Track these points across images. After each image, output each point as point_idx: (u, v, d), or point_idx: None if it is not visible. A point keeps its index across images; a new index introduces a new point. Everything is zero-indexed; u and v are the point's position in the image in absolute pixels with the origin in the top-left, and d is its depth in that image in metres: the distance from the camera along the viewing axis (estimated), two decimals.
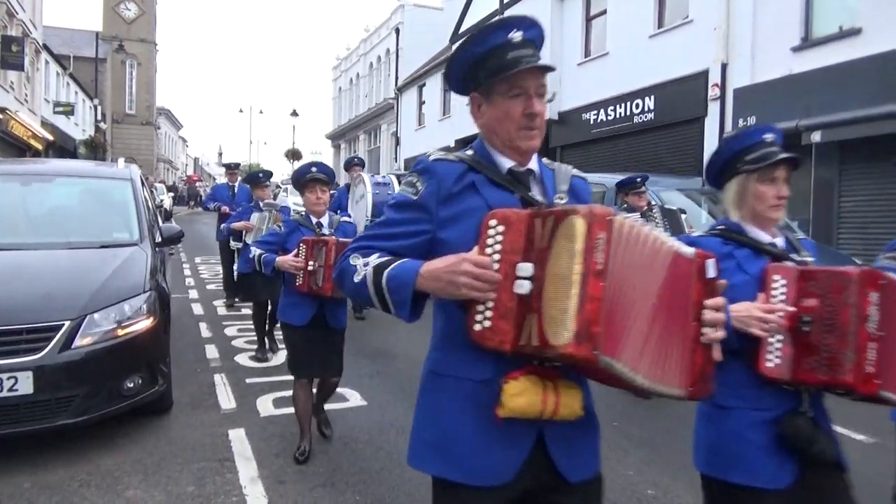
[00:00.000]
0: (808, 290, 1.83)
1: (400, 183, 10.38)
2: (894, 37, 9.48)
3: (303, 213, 4.08)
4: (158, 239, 5.25)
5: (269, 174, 7.40)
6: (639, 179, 6.42)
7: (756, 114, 11.70)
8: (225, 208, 8.75)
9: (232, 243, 7.75)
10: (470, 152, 1.61)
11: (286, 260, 3.86)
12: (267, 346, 6.36)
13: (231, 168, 9.91)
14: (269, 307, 6.30)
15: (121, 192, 5.48)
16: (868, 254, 8.95)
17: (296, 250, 3.84)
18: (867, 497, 3.74)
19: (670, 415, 4.97)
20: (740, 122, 12.09)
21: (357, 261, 1.53)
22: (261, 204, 6.75)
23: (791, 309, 1.82)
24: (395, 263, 1.47)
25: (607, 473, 3.89)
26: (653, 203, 6.35)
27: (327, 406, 4.78)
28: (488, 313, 1.39)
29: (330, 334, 3.95)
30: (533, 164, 1.63)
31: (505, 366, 1.42)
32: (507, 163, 1.59)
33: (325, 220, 4.06)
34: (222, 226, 7.83)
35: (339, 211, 6.85)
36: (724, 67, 12.68)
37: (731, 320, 1.73)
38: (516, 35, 1.55)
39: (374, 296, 1.49)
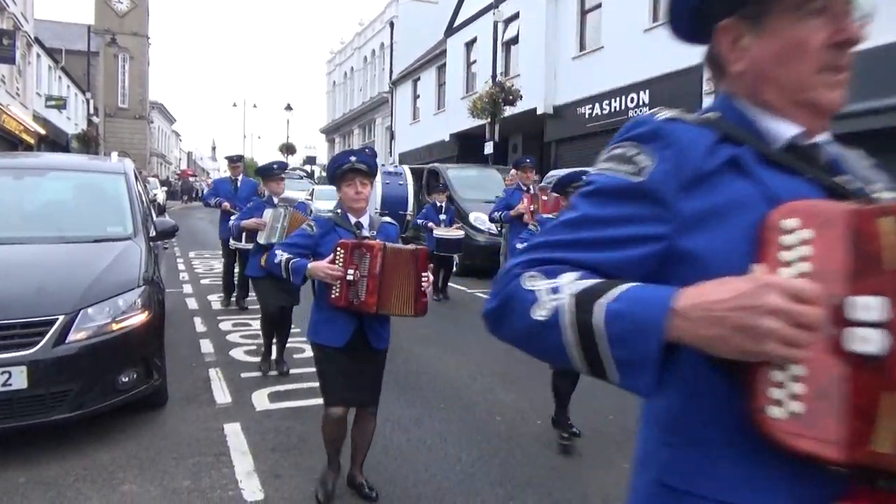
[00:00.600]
0: None
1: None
2: (885, 32, 9.48)
3: (338, 212, 3.37)
4: (153, 233, 5.23)
5: (283, 166, 6.39)
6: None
7: None
8: (226, 204, 8.22)
9: (232, 242, 7.19)
10: (715, 114, 1.01)
11: (320, 267, 3.10)
12: (273, 357, 5.68)
13: (233, 160, 9.12)
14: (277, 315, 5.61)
15: (114, 186, 5.45)
16: None
17: (331, 255, 3.11)
18: None
19: None
20: None
21: (537, 283, 0.90)
22: (275, 199, 5.97)
23: None
24: (619, 290, 0.84)
25: (603, 465, 3.92)
26: None
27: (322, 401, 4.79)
28: (797, 388, 0.79)
29: (371, 356, 3.27)
30: (823, 135, 1.02)
31: (816, 487, 0.83)
32: (787, 129, 0.97)
33: (364, 220, 3.34)
34: (231, 223, 6.63)
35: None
36: None
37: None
38: None
39: (574, 346, 0.85)
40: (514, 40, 20.05)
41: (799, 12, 0.93)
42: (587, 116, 16.73)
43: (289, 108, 42.03)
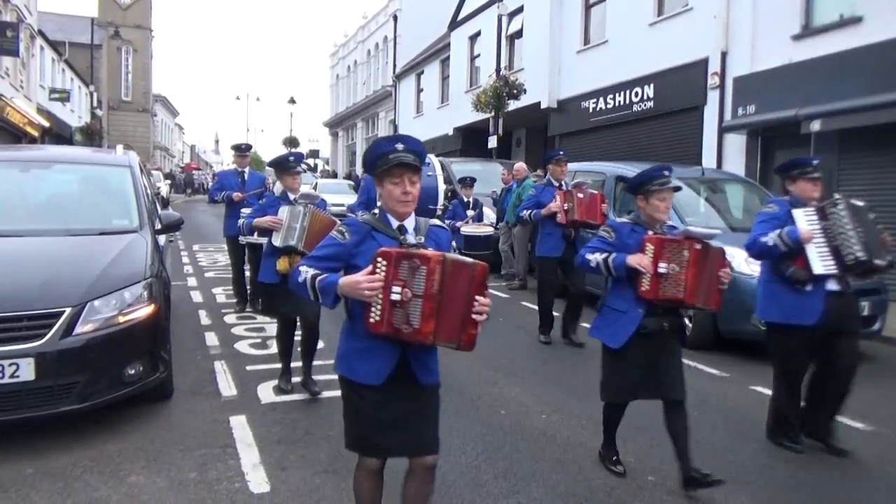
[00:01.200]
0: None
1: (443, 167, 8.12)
2: (894, 26, 9.45)
3: (375, 213, 2.63)
4: (158, 226, 5.24)
5: (299, 157, 5.60)
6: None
7: (755, 102, 11.68)
8: (237, 194, 7.56)
9: (242, 237, 6.65)
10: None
11: (356, 280, 2.38)
12: (299, 378, 4.96)
13: (241, 150, 8.22)
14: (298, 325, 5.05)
15: (120, 179, 5.46)
16: None
17: (370, 268, 2.40)
18: (866, 483, 3.78)
19: None
20: (739, 111, 12.08)
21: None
22: (290, 196, 5.10)
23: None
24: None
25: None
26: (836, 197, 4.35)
27: (328, 393, 4.80)
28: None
29: (419, 393, 2.60)
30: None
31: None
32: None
33: (409, 224, 2.59)
34: (242, 220, 5.34)
35: (364, 205, 6.05)
36: (723, 56, 12.64)
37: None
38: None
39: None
40: (518, 34, 19.99)
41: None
42: (591, 111, 16.68)
43: (292, 101, 41.97)
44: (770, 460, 4.05)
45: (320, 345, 5.11)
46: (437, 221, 2.73)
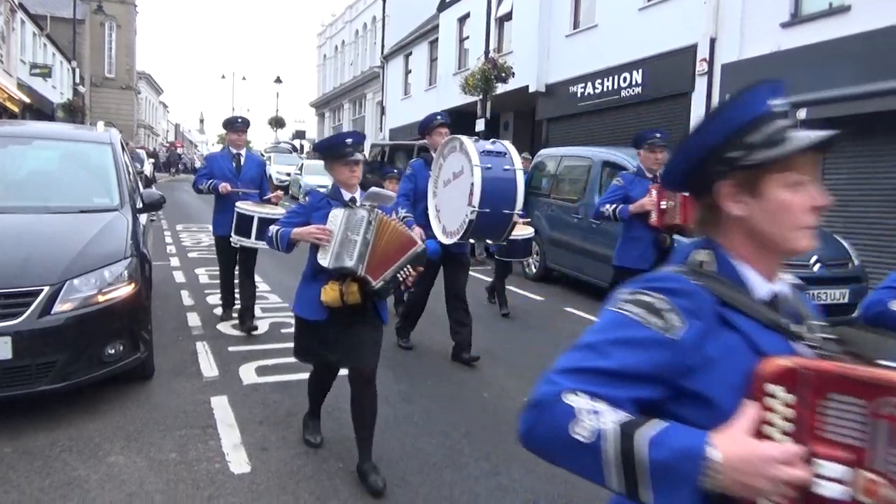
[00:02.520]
0: None
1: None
2: (882, 15, 9.47)
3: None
4: (140, 205, 5.17)
5: (359, 139, 3.63)
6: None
7: None
8: (226, 186, 5.92)
9: (234, 237, 5.81)
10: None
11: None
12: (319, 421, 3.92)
13: (236, 126, 6.26)
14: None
15: (101, 157, 5.37)
16: (848, 231, 9.05)
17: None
18: None
19: None
20: (727, 98, 12.09)
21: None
22: (345, 194, 3.48)
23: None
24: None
25: None
26: None
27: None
28: None
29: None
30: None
31: None
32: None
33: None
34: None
35: (407, 201, 5.33)
36: (712, 42, 12.62)
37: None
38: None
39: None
40: (508, 16, 19.84)
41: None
42: (579, 95, 16.64)
43: (278, 80, 41.56)
44: None
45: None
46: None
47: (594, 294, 8.26)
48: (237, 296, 6.28)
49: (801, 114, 10.24)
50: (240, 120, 6.38)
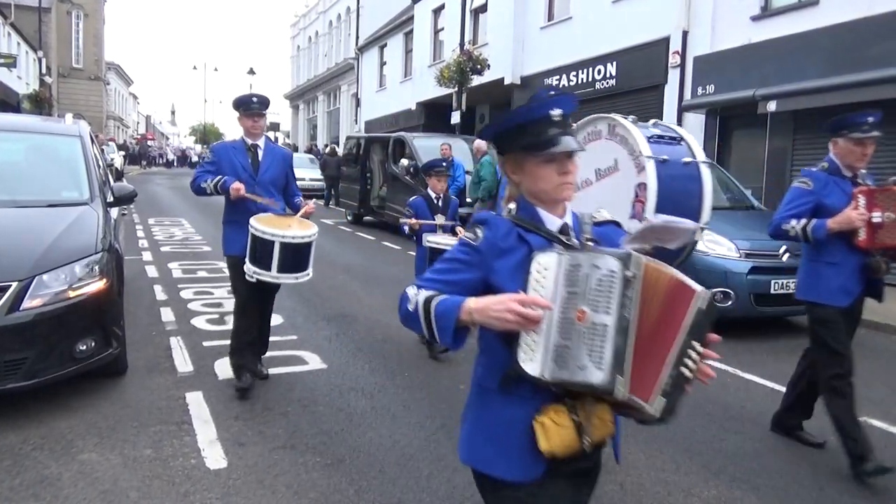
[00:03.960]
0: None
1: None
2: (848, 9, 9.65)
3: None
4: (110, 199, 5.09)
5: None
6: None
7: (714, 82, 11.84)
8: (238, 186, 4.26)
9: (251, 268, 4.17)
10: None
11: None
12: None
13: (251, 107, 4.44)
14: None
15: (69, 149, 5.27)
16: None
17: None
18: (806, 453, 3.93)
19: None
20: (699, 91, 12.24)
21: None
22: (547, 217, 1.70)
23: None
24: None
25: None
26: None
27: (286, 369, 4.81)
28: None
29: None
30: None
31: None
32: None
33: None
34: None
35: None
36: (684, 35, 12.75)
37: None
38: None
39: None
40: (483, 8, 19.81)
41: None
42: (554, 87, 16.70)
43: (251, 72, 41.05)
44: (720, 432, 4.17)
45: None
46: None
47: None
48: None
49: (771, 106, 10.42)
50: (255, 99, 4.45)
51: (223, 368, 4.84)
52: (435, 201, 5.74)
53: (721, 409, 4.53)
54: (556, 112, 1.63)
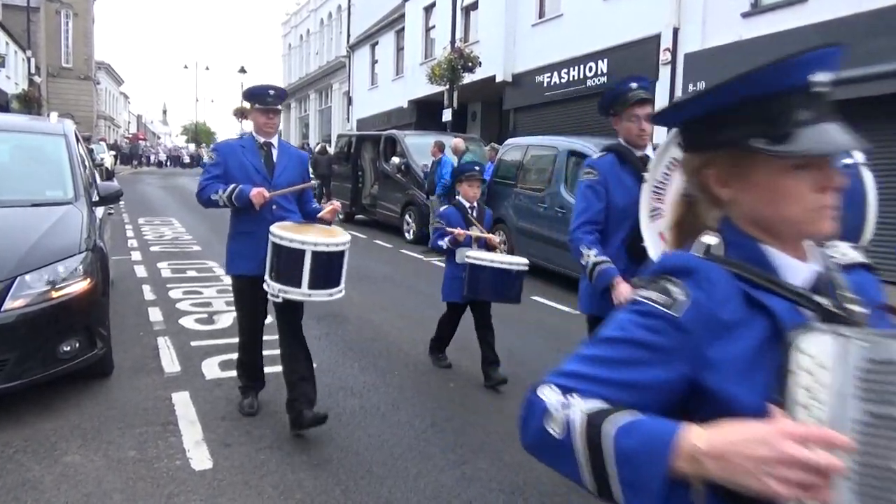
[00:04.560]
0: None
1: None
2: (838, 6, 9.67)
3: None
4: (95, 198, 5.03)
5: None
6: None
7: (706, 79, 11.84)
8: (261, 192, 3.70)
9: (273, 285, 3.54)
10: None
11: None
12: None
13: (267, 100, 3.87)
14: None
15: (54, 148, 5.21)
16: None
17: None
18: None
19: None
20: (690, 87, 12.24)
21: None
22: (795, 267, 1.02)
23: None
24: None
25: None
26: None
27: (275, 369, 4.77)
28: None
29: None
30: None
31: None
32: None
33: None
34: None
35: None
36: (675, 32, 12.76)
37: None
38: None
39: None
40: (474, 6, 19.78)
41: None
42: (546, 85, 16.69)
43: (243, 70, 40.87)
44: None
45: None
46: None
47: (561, 283, 8.31)
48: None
49: None
50: (272, 92, 3.84)
51: (210, 368, 4.80)
52: (469, 211, 4.95)
53: None
54: (821, 78, 0.96)
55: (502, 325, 6.53)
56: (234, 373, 4.71)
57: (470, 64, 17.02)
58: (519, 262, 4.61)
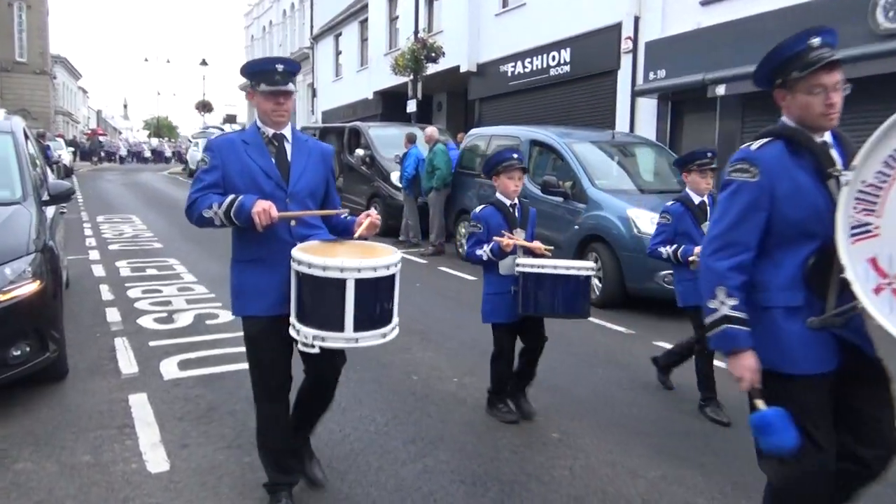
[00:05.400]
0: None
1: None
2: None
3: None
4: (45, 197, 4.90)
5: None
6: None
7: (666, 67, 11.97)
8: (265, 209, 2.59)
9: (300, 330, 2.57)
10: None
11: None
12: None
13: (274, 77, 2.75)
14: None
15: (1, 147, 5.05)
16: None
17: None
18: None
19: (577, 362, 5.15)
20: (651, 76, 12.36)
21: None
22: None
23: None
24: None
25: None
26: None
27: (234, 367, 4.70)
28: None
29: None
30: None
31: None
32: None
33: None
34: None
35: None
36: (636, 20, 12.86)
37: None
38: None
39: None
40: None
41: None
42: (510, 74, 16.71)
43: (204, 63, 40.18)
44: (668, 412, 4.23)
45: None
46: None
47: None
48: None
49: (720, 90, 10.58)
50: (280, 66, 2.77)
51: (169, 368, 4.73)
52: (511, 210, 3.96)
53: (668, 390, 4.60)
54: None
55: (466, 315, 6.52)
56: (193, 371, 4.67)
57: (434, 54, 16.95)
58: (585, 266, 3.81)
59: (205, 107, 40.84)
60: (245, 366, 3.23)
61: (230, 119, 45.35)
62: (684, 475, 3.38)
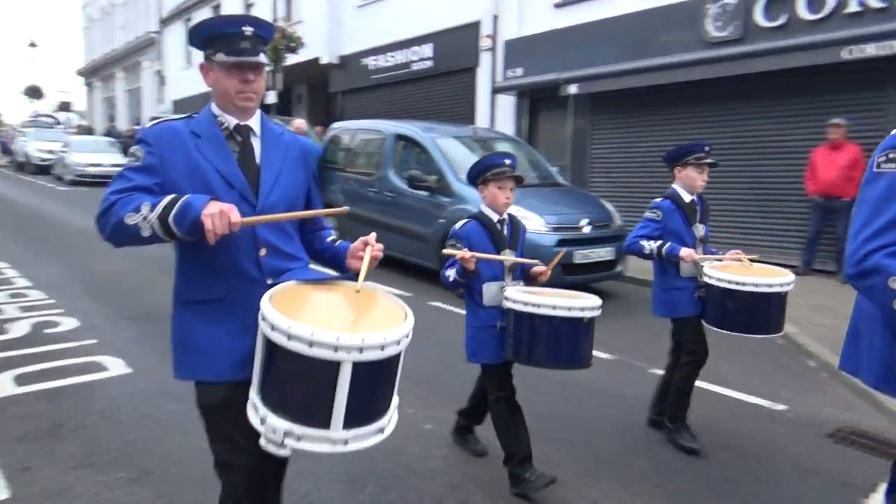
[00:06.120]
0: None
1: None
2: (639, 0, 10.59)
3: None
4: None
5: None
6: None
7: (523, 66, 12.45)
8: (224, 212, 1.78)
9: (272, 421, 1.65)
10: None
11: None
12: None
13: (243, 47, 1.94)
14: None
15: None
16: (614, 195, 10.11)
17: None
18: (612, 403, 4.28)
19: (449, 354, 5.23)
20: (509, 73, 12.81)
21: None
22: None
23: None
24: None
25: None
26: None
27: (83, 378, 4.33)
28: None
29: None
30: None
31: None
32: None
33: None
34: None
35: None
36: (495, 19, 13.27)
37: None
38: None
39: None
40: None
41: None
42: (372, 68, 16.64)
43: (33, 45, 36.44)
44: (533, 395, 4.42)
45: None
46: None
47: (394, 267, 8.34)
48: None
49: (572, 89, 11.19)
50: (247, 29, 1.96)
51: (4, 384, 4.24)
52: (498, 226, 3.23)
53: (536, 374, 4.80)
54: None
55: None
56: (33, 387, 4.24)
57: (293, 45, 16.50)
58: (589, 304, 2.99)
59: (35, 93, 37.03)
60: (94, 376, 2.93)
61: (65, 107, 41.44)
62: (551, 455, 3.54)
